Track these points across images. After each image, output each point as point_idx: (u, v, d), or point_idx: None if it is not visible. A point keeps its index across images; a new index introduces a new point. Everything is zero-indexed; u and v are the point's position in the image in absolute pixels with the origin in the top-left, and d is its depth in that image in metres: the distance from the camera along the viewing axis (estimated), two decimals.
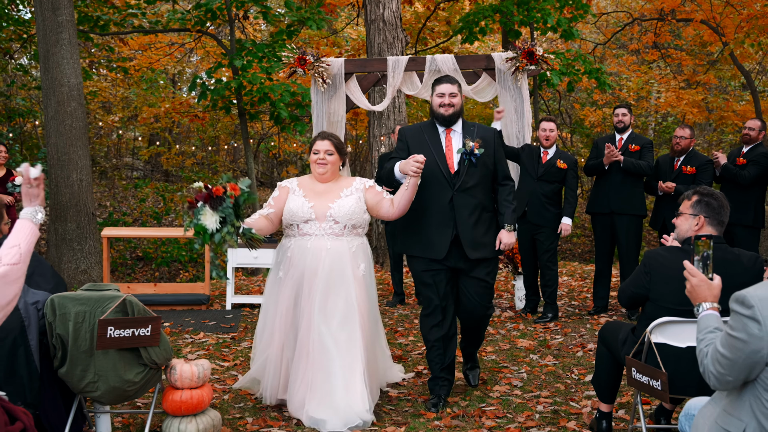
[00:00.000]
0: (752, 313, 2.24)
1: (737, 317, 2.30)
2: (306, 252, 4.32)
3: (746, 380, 2.33)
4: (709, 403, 2.57)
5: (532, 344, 6.00)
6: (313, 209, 4.36)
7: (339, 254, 4.31)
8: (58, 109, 8.47)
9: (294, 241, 4.42)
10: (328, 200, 4.38)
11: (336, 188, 4.45)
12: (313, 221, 4.35)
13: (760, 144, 6.88)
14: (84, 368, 3.60)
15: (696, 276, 2.72)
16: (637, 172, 6.76)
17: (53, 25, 8.44)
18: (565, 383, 4.96)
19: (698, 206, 3.34)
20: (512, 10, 11.50)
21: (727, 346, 2.33)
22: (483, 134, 4.46)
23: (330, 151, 4.45)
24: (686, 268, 2.76)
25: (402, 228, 4.56)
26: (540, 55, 7.17)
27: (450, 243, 4.34)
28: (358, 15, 15.74)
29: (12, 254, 2.52)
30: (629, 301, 3.63)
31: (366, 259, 4.44)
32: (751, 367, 2.27)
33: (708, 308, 2.67)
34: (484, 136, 4.45)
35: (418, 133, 4.52)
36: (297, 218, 4.37)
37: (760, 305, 2.24)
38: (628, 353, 3.52)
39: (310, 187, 4.49)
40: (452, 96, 4.45)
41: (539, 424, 4.17)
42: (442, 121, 4.47)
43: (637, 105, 18.71)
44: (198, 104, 12.00)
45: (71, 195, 8.50)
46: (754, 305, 2.24)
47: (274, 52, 10.48)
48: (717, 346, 2.40)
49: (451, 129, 4.50)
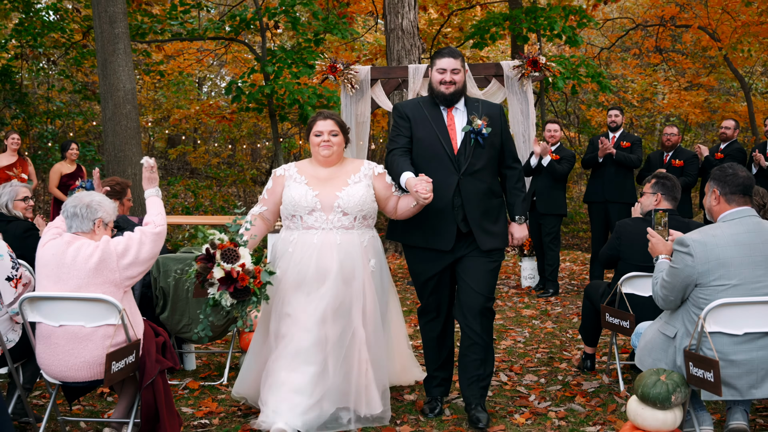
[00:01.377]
0: (688, 250, 3.24)
1: (677, 254, 3.30)
2: (312, 249, 3.83)
3: (683, 299, 3.33)
4: (654, 321, 3.58)
5: (535, 313, 6.99)
6: (318, 198, 3.88)
7: (350, 250, 3.86)
8: (115, 111, 9.53)
9: (297, 234, 3.91)
10: (334, 188, 3.91)
11: (342, 174, 3.99)
12: (318, 212, 3.87)
13: (735, 141, 7.85)
14: (181, 314, 4.63)
15: (655, 237, 3.70)
16: (627, 164, 7.73)
17: (110, 37, 9.51)
18: (561, 340, 5.94)
19: (656, 186, 4.34)
20: (521, 18, 12.48)
21: (670, 274, 3.33)
22: (489, 111, 3.96)
23: (334, 131, 3.97)
24: (648, 232, 3.74)
25: None
26: (543, 63, 8.16)
27: (457, 232, 3.87)
28: (376, 23, 16.74)
29: (160, 219, 3.55)
30: (606, 261, 4.63)
31: (376, 254, 4.00)
32: (685, 287, 3.27)
33: (662, 258, 3.65)
34: (490, 113, 3.94)
35: (418, 109, 3.99)
36: (300, 209, 3.87)
37: (693, 245, 3.24)
38: (604, 303, 4.52)
39: (312, 173, 3.99)
40: (454, 72, 3.91)
41: (537, 365, 5.16)
42: (443, 100, 3.94)
43: (641, 106, 19.68)
44: (233, 105, 13.02)
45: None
46: (690, 245, 3.25)
47: (302, 58, 11.52)
48: (663, 276, 3.40)
49: (453, 107, 3.99)
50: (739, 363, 3.14)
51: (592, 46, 19.14)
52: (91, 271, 3.25)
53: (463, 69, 3.94)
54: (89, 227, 3.35)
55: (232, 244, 3.55)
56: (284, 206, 3.93)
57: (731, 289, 3.12)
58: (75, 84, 16.71)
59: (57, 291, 3.23)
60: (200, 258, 3.57)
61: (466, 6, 16.54)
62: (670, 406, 3.21)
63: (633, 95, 19.19)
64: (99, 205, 3.38)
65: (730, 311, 3.11)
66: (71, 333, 3.25)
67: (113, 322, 3.25)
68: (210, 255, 3.55)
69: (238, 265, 3.51)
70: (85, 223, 3.34)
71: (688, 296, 3.30)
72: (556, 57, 11.88)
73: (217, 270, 3.52)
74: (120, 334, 3.29)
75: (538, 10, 12.44)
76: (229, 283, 3.52)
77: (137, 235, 3.41)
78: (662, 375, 3.25)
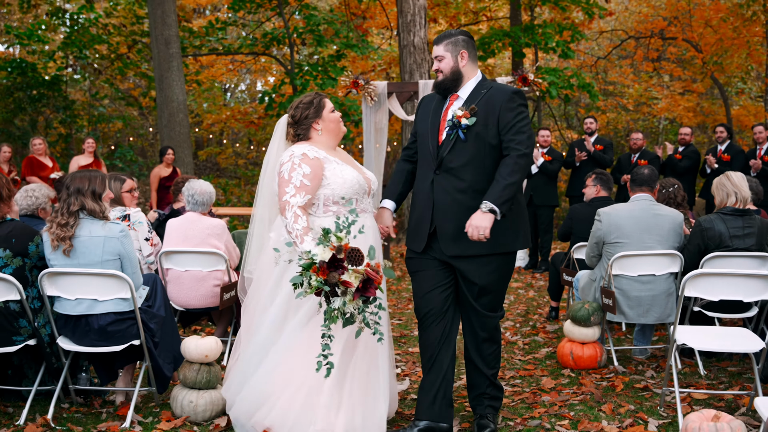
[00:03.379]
0: (599, 218, 4.87)
1: (594, 222, 4.91)
2: (369, 232, 3.54)
3: (599, 255, 4.94)
4: (586, 272, 5.21)
5: (521, 285, 8.59)
6: (365, 180, 3.63)
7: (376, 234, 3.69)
8: (170, 119, 11.23)
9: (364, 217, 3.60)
10: (359, 169, 3.69)
11: (345, 156, 3.77)
12: (365, 194, 3.62)
13: (691, 144, 9.42)
14: None
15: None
16: (602, 163, 9.32)
17: (166, 56, 11.21)
18: (538, 302, 7.54)
19: (596, 180, 5.96)
20: (519, 35, 14.08)
21: (590, 239, 4.95)
22: (490, 98, 3.51)
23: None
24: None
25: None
26: (532, 79, 9.76)
27: (428, 234, 3.55)
28: (391, 37, 18.39)
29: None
30: (563, 236, 6.24)
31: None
32: (598, 244, 4.89)
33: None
34: (490, 100, 3.50)
35: (430, 102, 3.74)
36: (358, 192, 3.55)
37: (602, 215, 4.86)
38: (562, 266, 6.13)
39: (334, 153, 3.64)
40: (439, 60, 3.60)
41: (515, 316, 6.78)
42: (436, 89, 3.67)
43: (638, 110, 21.26)
44: (261, 112, 14.71)
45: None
46: (600, 215, 4.86)
47: (326, 72, 13.18)
48: (589, 241, 5.02)
49: (456, 95, 3.63)
50: (632, 298, 4.75)
51: (590, 56, 20.70)
52: (206, 234, 4.91)
53: (451, 54, 3.56)
54: (206, 209, 5.04)
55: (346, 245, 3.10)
56: (334, 190, 3.48)
57: (626, 246, 4.73)
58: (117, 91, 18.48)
59: (184, 247, 4.88)
60: (324, 267, 3.04)
61: (473, 21, 18.14)
62: (591, 324, 4.83)
63: (629, 100, 20.78)
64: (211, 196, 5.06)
65: (627, 260, 4.72)
66: (193, 275, 4.91)
67: (221, 267, 4.90)
68: (338, 261, 3.06)
69: (365, 265, 3.09)
70: (202, 207, 5.02)
71: (602, 253, 4.92)
72: (551, 69, 13.48)
73: (349, 276, 3.05)
74: (225, 276, 4.94)
75: (535, 26, 14.02)
76: (367, 287, 3.08)
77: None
78: (586, 304, 4.87)
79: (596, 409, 4.04)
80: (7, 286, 3.69)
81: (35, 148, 9.84)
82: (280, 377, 3.40)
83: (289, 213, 3.33)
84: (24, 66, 15.77)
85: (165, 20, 11.18)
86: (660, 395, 4.17)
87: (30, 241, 3.86)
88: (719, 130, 9.43)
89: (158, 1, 11.18)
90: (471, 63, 3.60)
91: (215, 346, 3.93)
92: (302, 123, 3.59)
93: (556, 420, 3.88)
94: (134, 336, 3.85)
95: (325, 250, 3.06)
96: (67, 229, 3.77)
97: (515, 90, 3.53)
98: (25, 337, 3.85)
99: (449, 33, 3.63)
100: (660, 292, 4.72)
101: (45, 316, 3.91)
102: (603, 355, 4.90)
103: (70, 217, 3.80)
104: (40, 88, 16.08)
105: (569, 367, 4.91)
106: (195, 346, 3.88)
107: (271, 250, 3.46)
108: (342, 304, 3.05)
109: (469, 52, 3.59)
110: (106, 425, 3.78)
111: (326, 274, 3.02)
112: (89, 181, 3.89)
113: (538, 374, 4.81)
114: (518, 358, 5.27)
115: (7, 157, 9.78)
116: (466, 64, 3.59)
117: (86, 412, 4.01)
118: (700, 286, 3.89)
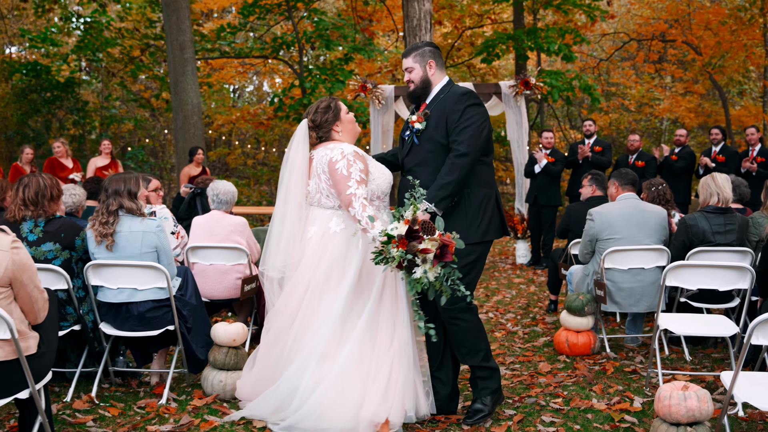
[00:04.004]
0: (591, 218, 5.25)
1: (587, 222, 5.30)
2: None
3: (592, 252, 5.34)
4: (580, 267, 5.60)
5: (523, 280, 8.99)
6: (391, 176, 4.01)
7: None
8: (184, 122, 11.66)
9: (386, 213, 3.93)
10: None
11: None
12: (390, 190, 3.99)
13: (687, 145, 9.80)
14: None
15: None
16: (600, 164, 9.70)
17: (181, 61, 11.64)
18: (538, 296, 7.94)
19: (593, 180, 6.34)
20: (523, 38, 14.46)
21: (583, 237, 5.34)
22: (443, 101, 3.78)
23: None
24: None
25: None
26: (533, 83, 10.16)
27: None
28: (397, 39, 18.80)
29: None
30: (560, 233, 6.64)
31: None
32: (591, 242, 5.28)
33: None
34: (442, 103, 3.77)
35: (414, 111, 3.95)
36: (389, 187, 3.95)
37: (594, 214, 5.25)
38: (560, 261, 6.52)
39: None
40: (409, 71, 3.89)
41: (516, 309, 7.17)
42: (410, 98, 3.99)
43: (640, 111, 21.64)
44: (275, 114, 15.13)
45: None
46: (592, 214, 5.25)
47: (334, 74, 13.59)
48: (582, 239, 5.41)
49: (425, 103, 3.90)
50: (624, 288, 5.14)
51: (593, 57, 21.07)
52: (229, 231, 5.32)
53: (420, 65, 3.87)
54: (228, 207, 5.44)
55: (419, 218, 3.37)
56: (378, 185, 3.86)
57: (619, 241, 5.13)
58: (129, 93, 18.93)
59: (209, 242, 5.30)
60: (403, 239, 3.32)
61: (477, 25, 18.53)
62: (584, 314, 5.23)
63: (631, 101, 21.15)
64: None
65: (618, 254, 5.11)
66: (217, 269, 5.32)
67: (243, 261, 5.31)
68: (414, 231, 3.32)
69: (437, 235, 3.34)
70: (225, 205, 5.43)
71: (595, 249, 5.31)
72: (553, 72, 13.86)
73: (427, 244, 3.30)
74: (247, 269, 5.35)
75: (538, 30, 14.41)
76: (444, 253, 3.32)
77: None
78: (580, 295, 5.27)
79: (587, 389, 4.44)
80: (56, 277, 4.11)
81: (56, 151, 10.25)
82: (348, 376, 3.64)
83: (357, 203, 3.63)
84: (38, 68, 16.21)
85: (180, 26, 11.61)
86: (645, 377, 4.56)
87: (77, 236, 4.27)
88: (714, 132, 9.81)
89: (173, 8, 11.61)
90: (438, 71, 3.88)
91: (242, 332, 4.34)
92: (323, 126, 3.91)
93: (551, 398, 4.28)
94: (169, 322, 4.27)
95: (401, 224, 3.36)
96: (108, 227, 4.19)
97: (464, 91, 3.74)
98: (71, 323, 4.27)
99: (416, 45, 3.92)
100: (649, 283, 5.11)
101: (89, 304, 4.33)
102: (596, 343, 5.30)
103: (110, 216, 4.22)
104: (54, 90, 16.51)
105: (565, 354, 5.31)
106: (224, 331, 4.30)
107: (311, 246, 3.78)
108: (423, 273, 3.29)
109: (436, 61, 3.87)
110: (144, 402, 4.20)
111: (406, 245, 3.31)
112: (125, 182, 4.30)
113: (536, 360, 5.21)
114: (518, 346, 5.67)
115: (30, 158, 10.20)
116: (435, 72, 3.87)
117: (125, 392, 4.42)
118: (680, 276, 4.29)
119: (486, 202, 3.79)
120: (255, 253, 5.52)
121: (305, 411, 3.58)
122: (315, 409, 3.56)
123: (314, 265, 3.80)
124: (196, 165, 10.61)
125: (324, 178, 3.81)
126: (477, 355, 3.82)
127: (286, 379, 3.72)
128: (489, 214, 3.79)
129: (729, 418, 3.80)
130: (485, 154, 3.78)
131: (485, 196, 3.79)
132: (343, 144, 3.87)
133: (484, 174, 3.79)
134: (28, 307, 3.01)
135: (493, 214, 3.82)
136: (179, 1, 11.63)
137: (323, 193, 3.82)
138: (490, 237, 3.81)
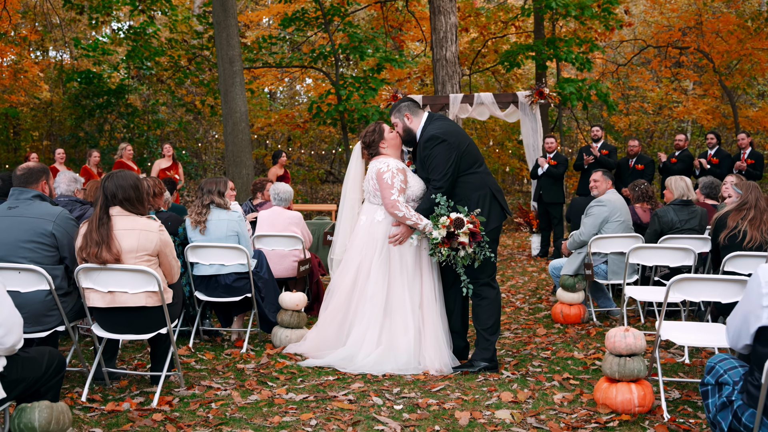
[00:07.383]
0: (602, 204, 6.46)
1: (596, 208, 6.50)
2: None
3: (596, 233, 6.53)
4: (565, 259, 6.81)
5: (536, 269, 10.17)
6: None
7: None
8: (234, 128, 13.01)
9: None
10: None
11: None
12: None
13: (686, 149, 10.90)
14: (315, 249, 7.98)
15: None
16: (607, 166, 10.83)
17: (230, 73, 12.99)
18: (547, 282, 9.11)
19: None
20: (542, 49, 15.59)
21: (586, 225, 6.53)
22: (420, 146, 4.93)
23: None
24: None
25: None
26: (547, 93, 11.32)
27: None
28: (425, 47, 20.02)
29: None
30: (568, 218, 7.83)
31: None
32: (600, 224, 6.46)
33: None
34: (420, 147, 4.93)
35: None
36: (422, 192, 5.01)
37: (604, 200, 6.45)
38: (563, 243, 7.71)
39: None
40: (395, 126, 5.12)
41: (526, 293, 8.37)
42: (406, 146, 5.19)
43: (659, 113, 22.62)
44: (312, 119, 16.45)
45: (242, 184, 13.02)
46: (603, 200, 6.46)
47: (367, 83, 14.87)
48: (580, 232, 6.60)
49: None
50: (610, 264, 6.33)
51: (612, 63, 22.10)
52: (287, 222, 6.62)
53: (399, 119, 5.02)
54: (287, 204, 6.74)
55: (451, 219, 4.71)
56: (414, 192, 4.94)
57: (623, 223, 6.35)
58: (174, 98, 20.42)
59: (271, 232, 6.59)
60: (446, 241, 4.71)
61: (501, 33, 19.68)
62: (576, 290, 6.43)
63: (650, 104, 22.15)
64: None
65: (603, 241, 6.30)
66: (277, 253, 6.60)
67: (299, 247, 6.60)
68: (450, 233, 4.69)
69: (466, 226, 4.68)
70: (284, 202, 6.72)
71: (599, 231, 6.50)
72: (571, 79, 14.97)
73: (462, 236, 4.67)
74: (301, 254, 6.64)
75: (557, 40, 15.54)
76: (474, 235, 4.70)
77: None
78: (573, 275, 6.47)
79: (572, 345, 5.65)
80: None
81: (125, 153, 11.67)
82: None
83: (402, 206, 4.79)
84: (91, 76, 17.72)
85: (229, 42, 12.97)
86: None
87: (179, 225, 5.59)
88: (709, 137, 10.89)
89: (223, 26, 12.97)
90: (415, 117, 4.99)
91: (303, 299, 5.64)
92: (372, 145, 5.08)
93: (542, 351, 5.50)
94: (248, 290, 5.58)
95: (441, 230, 4.69)
96: (201, 216, 5.50)
97: (428, 138, 4.79)
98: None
99: (394, 105, 5.07)
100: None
101: (187, 277, 5.65)
102: (585, 314, 6.49)
103: (203, 208, 5.53)
104: (105, 96, 18.00)
105: (559, 323, 6.51)
106: (290, 298, 5.59)
107: (362, 231, 5.02)
108: (465, 253, 4.71)
109: (410, 111, 4.99)
110: (230, 350, 5.51)
111: (448, 244, 4.70)
112: (215, 184, 5.62)
113: (535, 327, 6.42)
114: (522, 317, 6.89)
115: (97, 161, 11.60)
116: (412, 120, 4.99)
117: (212, 345, 5.74)
118: (640, 255, 5.50)
119: (482, 201, 4.86)
120: (308, 240, 6.80)
121: (371, 359, 4.83)
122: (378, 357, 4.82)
123: (364, 245, 5.01)
124: (279, 167, 11.95)
125: (372, 183, 5.00)
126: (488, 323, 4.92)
127: (353, 336, 4.95)
128: (487, 209, 4.87)
129: (677, 364, 4.99)
130: (466, 170, 4.86)
131: (480, 196, 4.86)
132: (389, 159, 4.99)
133: (473, 182, 4.87)
134: (167, 271, 4.32)
135: (492, 206, 4.88)
136: (229, 19, 12.98)
137: (371, 193, 5.03)
138: (493, 225, 4.89)
